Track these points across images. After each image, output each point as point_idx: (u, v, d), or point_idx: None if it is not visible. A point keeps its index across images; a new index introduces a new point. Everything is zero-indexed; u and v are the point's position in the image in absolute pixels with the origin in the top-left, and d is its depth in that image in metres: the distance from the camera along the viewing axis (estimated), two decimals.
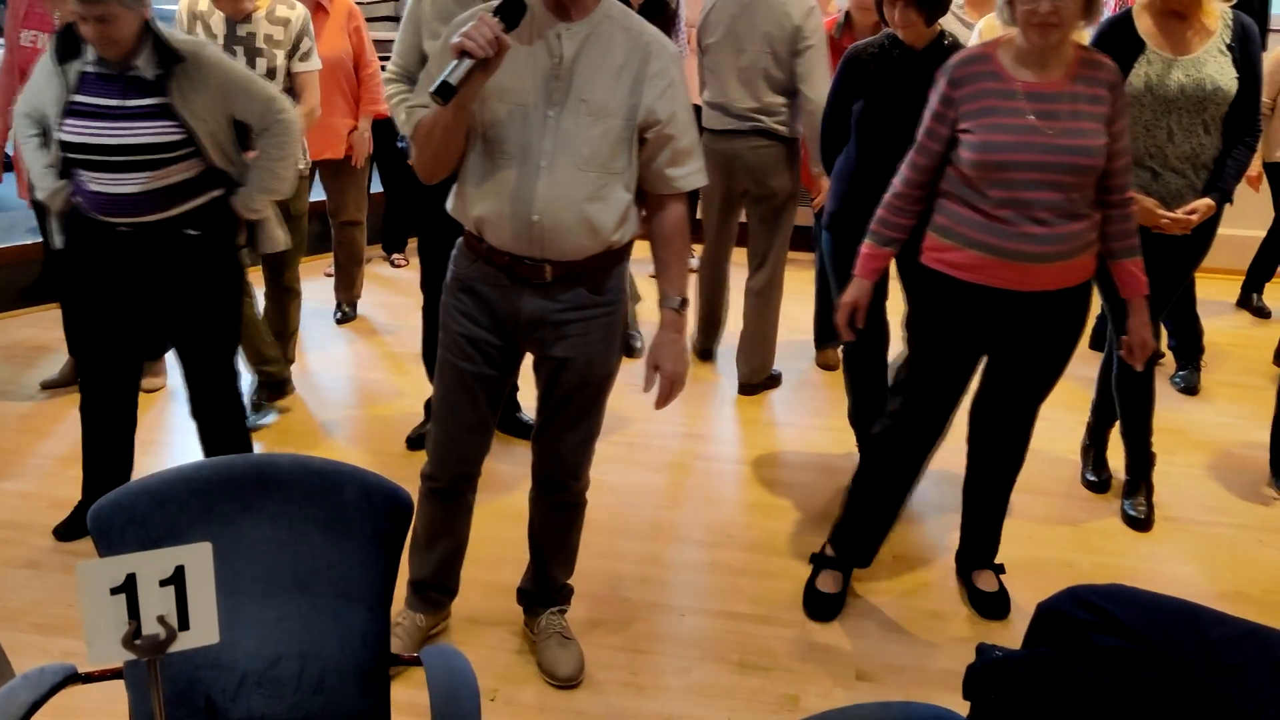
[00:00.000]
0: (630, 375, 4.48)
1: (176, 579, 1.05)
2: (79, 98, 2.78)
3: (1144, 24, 3.06)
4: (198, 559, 1.05)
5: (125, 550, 1.61)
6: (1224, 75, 3.00)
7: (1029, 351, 2.67)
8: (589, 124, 2.17)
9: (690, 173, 2.31)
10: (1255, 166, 4.93)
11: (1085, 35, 3.74)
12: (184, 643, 1.06)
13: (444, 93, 2.01)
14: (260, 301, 4.08)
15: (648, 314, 5.22)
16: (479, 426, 2.49)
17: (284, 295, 4.17)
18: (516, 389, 3.86)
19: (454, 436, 2.50)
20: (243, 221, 3.05)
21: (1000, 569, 3.00)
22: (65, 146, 2.80)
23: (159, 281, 2.94)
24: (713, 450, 3.86)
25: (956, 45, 3.13)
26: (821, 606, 2.91)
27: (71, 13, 2.70)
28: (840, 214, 3.30)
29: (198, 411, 3.13)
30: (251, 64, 3.71)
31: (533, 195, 2.18)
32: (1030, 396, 2.76)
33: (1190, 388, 4.43)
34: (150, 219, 2.84)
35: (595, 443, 2.56)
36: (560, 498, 2.61)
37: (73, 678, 1.54)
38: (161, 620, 1.05)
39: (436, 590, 2.71)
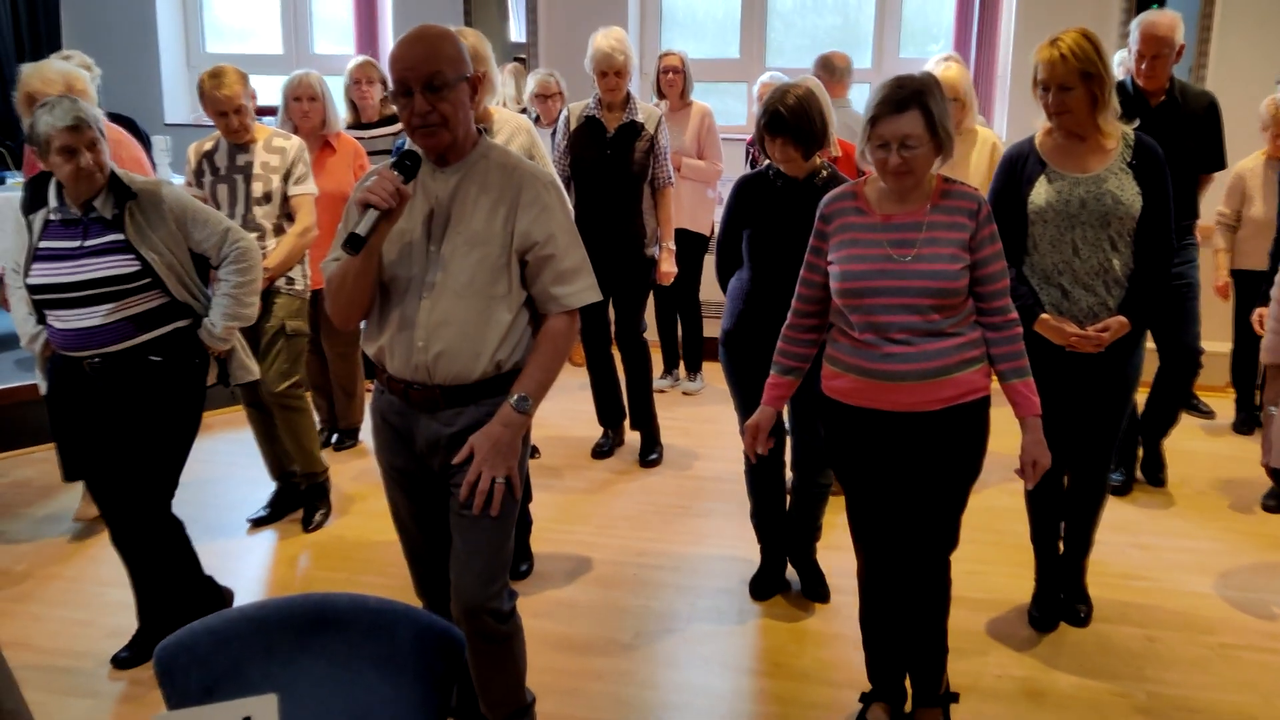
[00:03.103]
0: (690, 498, 4.53)
1: None
2: (44, 244, 3.03)
3: (1046, 146, 3.20)
4: (264, 710, 1.10)
5: (188, 688, 1.67)
6: (1125, 191, 3.08)
7: (926, 473, 2.69)
8: (465, 252, 2.33)
9: (578, 290, 2.42)
10: (1222, 276, 4.95)
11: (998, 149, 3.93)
12: None
13: (354, 243, 2.23)
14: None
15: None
16: (425, 555, 2.58)
17: (289, 414, 4.16)
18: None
19: (413, 562, 2.63)
20: (211, 356, 3.22)
21: (952, 699, 2.92)
22: (32, 290, 3.03)
23: (124, 408, 3.07)
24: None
25: (835, 176, 3.31)
26: None
27: (59, 157, 2.94)
28: (734, 332, 3.50)
29: (119, 539, 3.20)
30: (249, 188, 4.00)
31: (418, 322, 2.34)
32: (933, 517, 2.74)
33: (1117, 489, 4.46)
34: (114, 349, 3.03)
35: (501, 574, 2.47)
36: (473, 626, 2.44)
37: None
38: None
39: (465, 716, 2.72)
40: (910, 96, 2.50)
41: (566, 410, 5.46)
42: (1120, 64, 4.57)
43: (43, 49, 6.55)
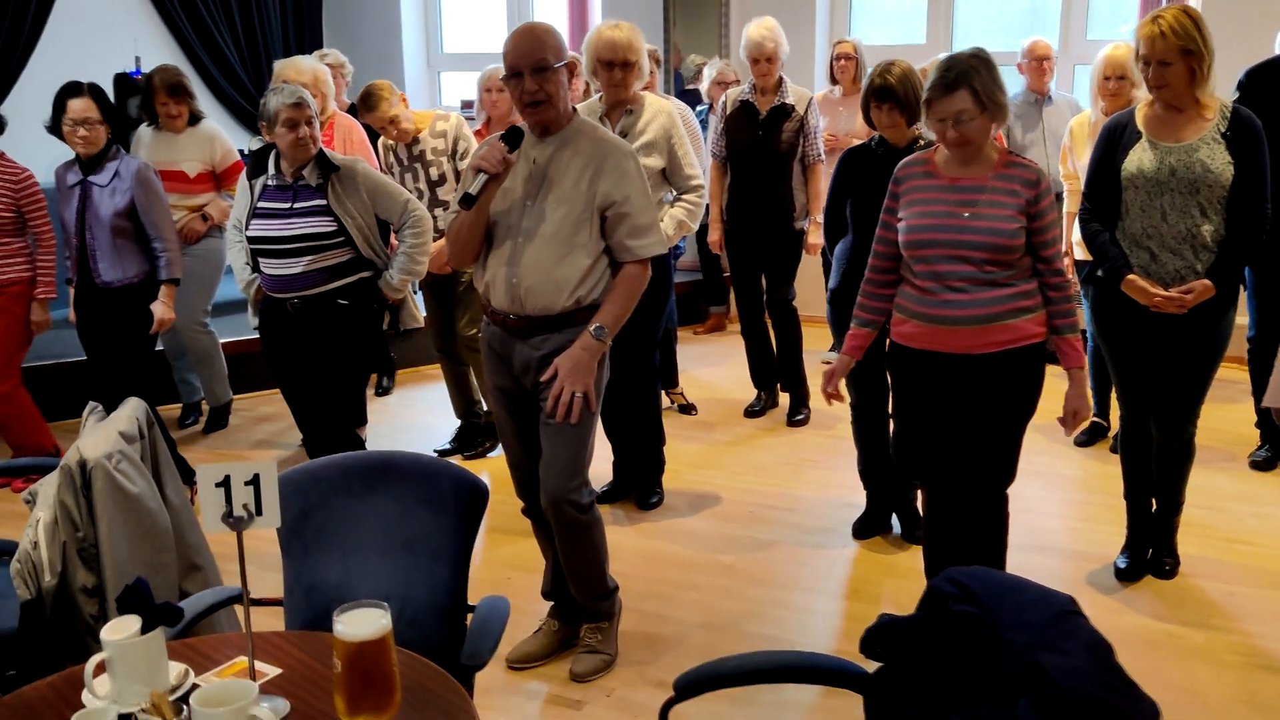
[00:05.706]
0: (824, 453, 4.87)
1: (254, 481, 1.61)
2: (261, 203, 3.72)
3: (1144, 117, 3.34)
4: (268, 470, 1.61)
5: (290, 510, 2.21)
6: (1216, 160, 3.18)
7: (984, 411, 2.95)
8: (554, 207, 2.80)
9: (649, 243, 2.88)
10: None
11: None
12: (258, 524, 1.62)
13: (466, 201, 2.77)
14: None
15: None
16: (522, 462, 3.04)
17: (477, 357, 4.67)
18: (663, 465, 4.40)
19: (513, 468, 3.10)
20: (386, 304, 3.89)
21: None
22: (250, 240, 3.73)
23: (317, 341, 3.77)
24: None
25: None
26: None
27: (284, 128, 3.59)
28: (839, 291, 3.83)
29: (311, 448, 3.96)
30: (427, 172, 4.63)
31: (514, 262, 2.82)
32: (991, 452, 2.99)
33: (1260, 464, 4.53)
34: (311, 293, 3.72)
35: (580, 472, 2.94)
36: (558, 515, 2.94)
37: (237, 598, 2.16)
38: (245, 507, 1.62)
39: (558, 599, 3.22)
40: (957, 79, 2.83)
41: (726, 374, 5.89)
42: None
43: (306, 48, 7.57)
